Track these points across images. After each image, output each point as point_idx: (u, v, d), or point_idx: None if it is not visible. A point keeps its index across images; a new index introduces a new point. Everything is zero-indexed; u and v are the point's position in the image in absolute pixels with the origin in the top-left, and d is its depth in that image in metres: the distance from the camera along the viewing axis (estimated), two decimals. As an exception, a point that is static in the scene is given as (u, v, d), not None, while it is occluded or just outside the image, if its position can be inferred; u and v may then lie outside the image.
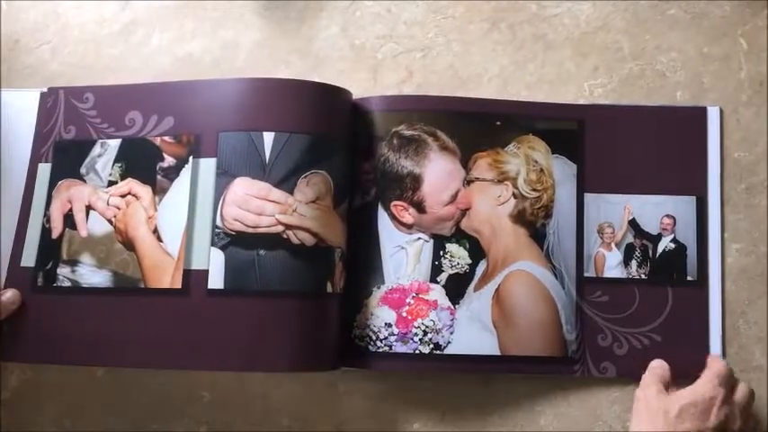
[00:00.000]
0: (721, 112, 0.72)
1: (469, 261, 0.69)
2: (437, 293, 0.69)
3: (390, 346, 0.68)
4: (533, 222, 0.70)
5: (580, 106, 0.74)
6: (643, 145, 0.72)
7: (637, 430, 0.64)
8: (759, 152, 0.72)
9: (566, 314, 0.69)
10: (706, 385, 0.63)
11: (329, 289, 0.66)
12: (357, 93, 0.73)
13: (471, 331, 0.68)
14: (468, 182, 0.71)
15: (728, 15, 0.75)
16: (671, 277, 0.70)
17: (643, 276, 0.70)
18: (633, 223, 0.71)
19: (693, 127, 0.72)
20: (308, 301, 0.66)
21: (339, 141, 0.69)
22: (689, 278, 0.70)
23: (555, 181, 0.71)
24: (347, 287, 0.68)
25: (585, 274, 0.70)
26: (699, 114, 0.72)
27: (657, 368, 0.67)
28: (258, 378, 0.72)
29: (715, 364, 0.65)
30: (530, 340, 0.68)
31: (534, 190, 0.71)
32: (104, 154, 0.71)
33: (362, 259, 0.70)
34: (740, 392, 0.64)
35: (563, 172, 0.71)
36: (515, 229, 0.70)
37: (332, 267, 0.67)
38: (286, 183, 0.66)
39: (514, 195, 0.70)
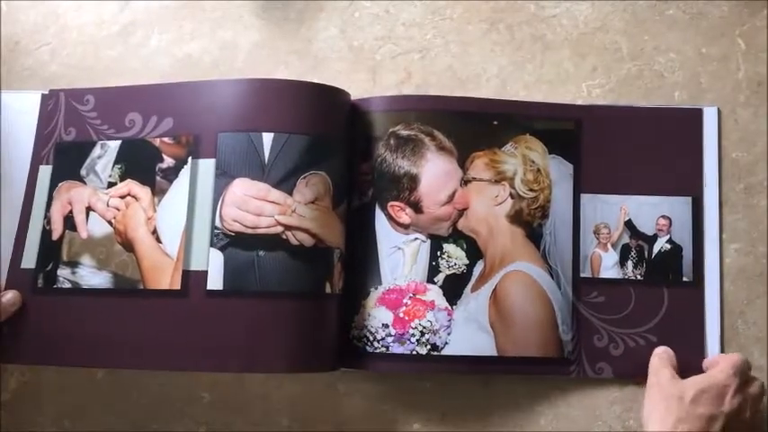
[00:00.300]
0: (719, 112, 0.72)
1: (467, 261, 0.69)
2: (434, 294, 0.69)
3: (387, 347, 0.67)
4: (530, 223, 0.70)
5: (577, 106, 0.74)
6: (639, 146, 0.72)
7: (651, 415, 0.63)
8: (757, 152, 0.72)
9: (562, 315, 0.69)
10: (721, 373, 0.63)
11: (328, 290, 0.66)
12: (356, 94, 0.73)
13: (468, 332, 0.68)
14: (465, 182, 0.70)
15: (727, 16, 0.75)
16: (667, 278, 0.70)
17: (639, 277, 0.70)
18: (629, 224, 0.71)
19: (689, 128, 0.72)
20: (306, 301, 0.66)
21: (338, 142, 0.69)
22: (684, 279, 0.70)
23: (552, 181, 0.71)
24: (346, 288, 0.68)
25: (582, 275, 0.70)
26: (695, 115, 0.72)
27: (663, 353, 0.67)
28: (258, 379, 0.72)
29: (730, 356, 0.65)
30: (526, 341, 0.68)
31: (531, 190, 0.70)
32: (104, 155, 0.71)
33: (360, 260, 0.70)
34: (755, 386, 0.64)
35: (560, 172, 0.71)
36: (512, 229, 0.70)
37: (331, 268, 0.67)
38: (285, 183, 0.66)
39: (511, 195, 0.70)
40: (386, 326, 0.68)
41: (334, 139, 0.69)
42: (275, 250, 0.65)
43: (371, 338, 0.68)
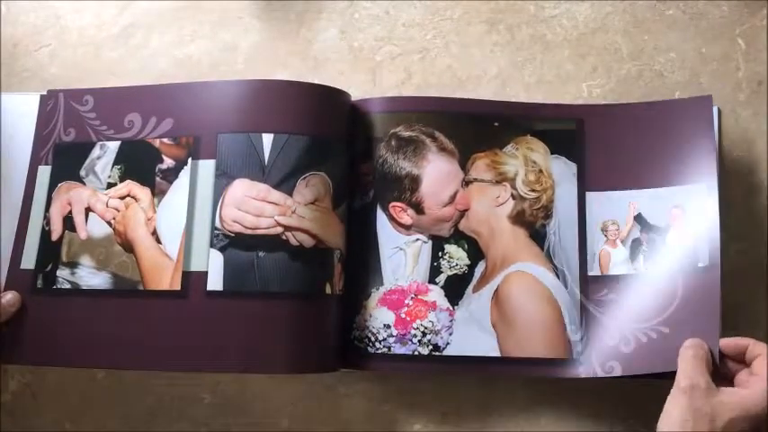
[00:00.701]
0: (719, 112, 0.72)
1: (468, 262, 0.69)
2: (436, 294, 0.68)
3: (389, 348, 0.67)
4: (533, 223, 0.70)
5: (578, 106, 0.73)
6: (645, 140, 0.70)
7: (669, 422, 0.55)
8: (758, 152, 0.72)
9: (569, 314, 0.67)
10: (763, 401, 0.55)
11: (328, 290, 0.66)
12: (356, 94, 0.73)
13: (470, 332, 0.67)
14: (466, 183, 0.70)
15: (727, 15, 0.75)
16: (681, 267, 0.66)
17: (651, 270, 0.67)
18: (639, 218, 0.69)
19: (698, 115, 0.69)
20: (307, 302, 0.66)
21: (338, 143, 0.69)
22: (700, 264, 0.65)
23: (554, 181, 0.70)
24: (346, 288, 0.68)
25: (590, 273, 0.68)
26: (703, 103, 0.69)
27: (700, 349, 0.59)
28: (258, 379, 0.72)
29: None
30: (531, 342, 0.67)
31: (533, 191, 0.70)
32: (104, 156, 0.71)
33: (361, 260, 0.69)
34: None
35: (563, 172, 0.71)
36: (514, 229, 0.70)
37: (331, 269, 0.67)
38: (285, 184, 0.66)
39: (513, 196, 0.70)
40: (387, 326, 0.67)
41: (334, 140, 0.69)
42: (275, 251, 0.65)
43: (373, 339, 0.67)
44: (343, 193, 0.69)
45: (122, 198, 0.69)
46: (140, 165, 0.70)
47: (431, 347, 0.67)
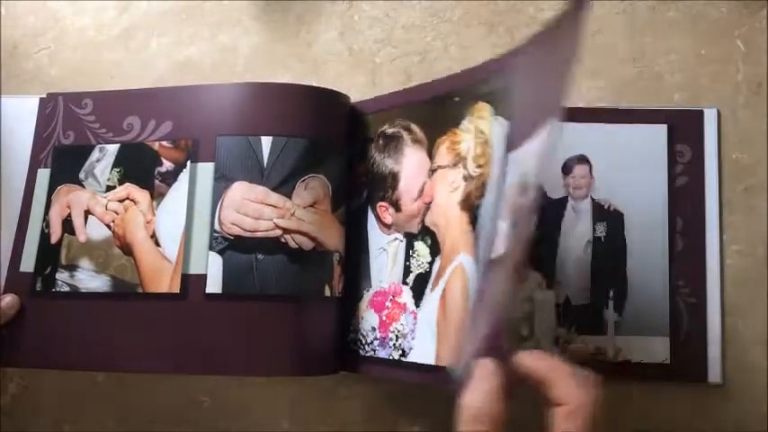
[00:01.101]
0: (719, 113, 0.72)
1: (430, 259, 0.63)
2: (406, 296, 0.65)
3: (374, 351, 0.65)
4: (475, 206, 0.60)
5: (511, 54, 0.61)
6: (551, 70, 0.52)
7: None
8: (757, 154, 0.72)
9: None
10: None
11: (327, 293, 0.66)
12: (356, 96, 0.73)
13: (424, 336, 0.61)
14: (432, 172, 0.65)
15: (726, 17, 0.75)
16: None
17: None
18: (524, 176, 0.51)
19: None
20: (306, 304, 0.65)
21: (337, 145, 0.69)
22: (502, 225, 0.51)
23: (494, 148, 0.59)
24: (345, 291, 0.68)
25: (492, 256, 0.54)
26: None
27: (478, 391, 0.43)
28: (258, 382, 0.72)
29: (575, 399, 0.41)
30: (451, 347, 0.59)
31: (479, 166, 0.60)
32: (103, 159, 0.71)
33: (356, 262, 0.69)
34: None
35: (500, 135, 0.59)
36: (461, 216, 0.60)
37: (330, 271, 0.67)
38: (284, 187, 0.66)
39: (464, 178, 0.61)
40: (373, 329, 0.66)
41: (333, 143, 0.69)
42: (274, 253, 0.65)
43: (363, 342, 0.66)
44: (342, 195, 0.69)
45: (121, 201, 0.69)
46: (139, 167, 0.70)
47: (400, 352, 0.63)
